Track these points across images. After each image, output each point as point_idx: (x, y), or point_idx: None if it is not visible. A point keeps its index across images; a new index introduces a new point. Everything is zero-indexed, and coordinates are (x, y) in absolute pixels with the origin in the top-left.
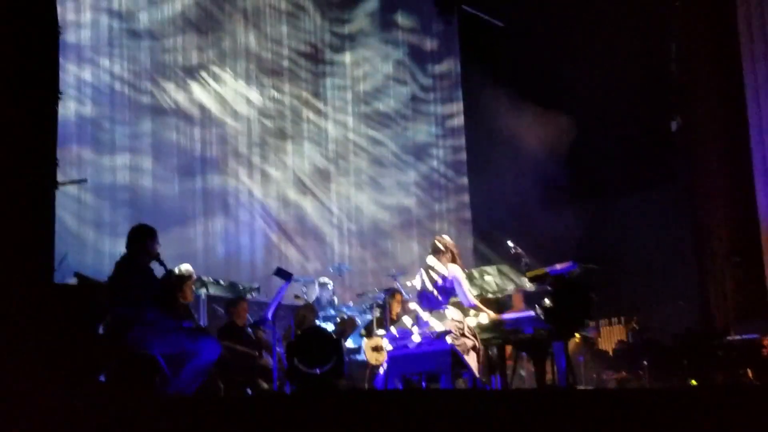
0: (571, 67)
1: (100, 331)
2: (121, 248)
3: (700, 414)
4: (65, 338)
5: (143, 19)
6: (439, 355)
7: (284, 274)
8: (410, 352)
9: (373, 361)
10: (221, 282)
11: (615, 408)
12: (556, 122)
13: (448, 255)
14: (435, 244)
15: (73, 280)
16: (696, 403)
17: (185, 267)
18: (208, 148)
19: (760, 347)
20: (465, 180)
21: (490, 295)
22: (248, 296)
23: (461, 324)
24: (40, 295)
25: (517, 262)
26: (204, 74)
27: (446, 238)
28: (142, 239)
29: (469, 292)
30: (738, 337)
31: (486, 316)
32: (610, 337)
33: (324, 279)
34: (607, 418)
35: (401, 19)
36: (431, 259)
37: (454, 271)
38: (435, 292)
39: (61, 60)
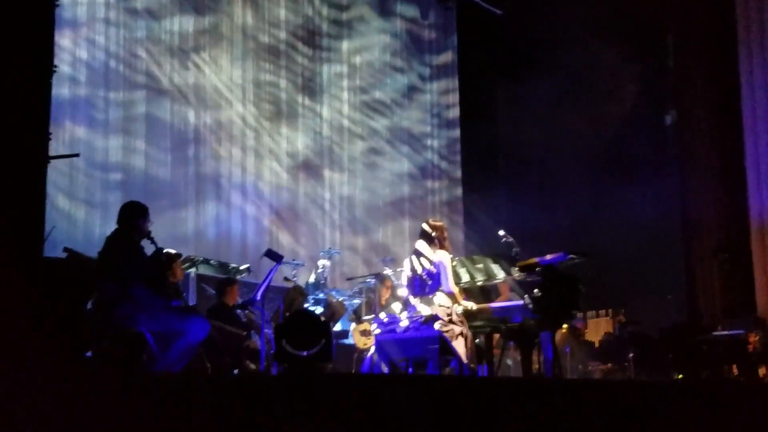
0: (568, 56)
1: (88, 306)
2: (111, 227)
3: (684, 408)
4: (53, 313)
5: None
6: (427, 341)
7: (274, 256)
8: (398, 337)
9: (360, 345)
10: (211, 262)
11: (600, 399)
12: (551, 111)
13: (437, 240)
14: (424, 228)
15: (62, 255)
16: (680, 397)
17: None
18: (202, 129)
19: (745, 343)
20: (458, 169)
21: (479, 283)
22: (238, 277)
23: (449, 310)
24: (28, 269)
25: (507, 251)
26: (200, 55)
27: (436, 221)
28: (134, 216)
29: (450, 279)
30: (724, 333)
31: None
32: (597, 328)
33: (322, 261)
34: (592, 409)
35: (400, 5)
36: (420, 244)
37: (441, 257)
38: (424, 277)
39: (56, 36)
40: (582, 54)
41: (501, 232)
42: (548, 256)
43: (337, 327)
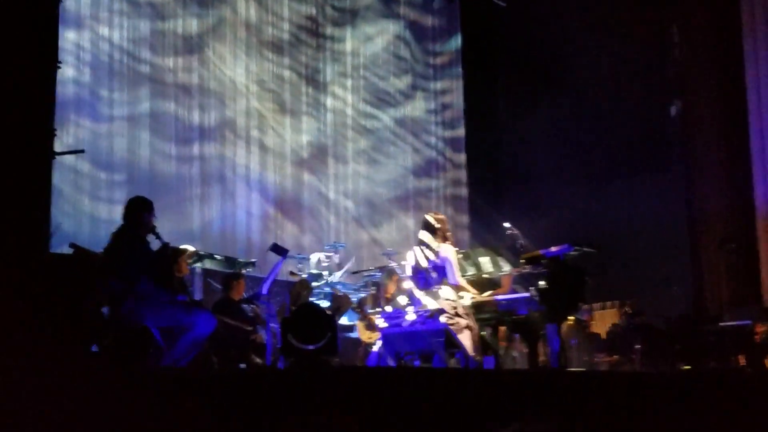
0: (571, 48)
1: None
2: (117, 223)
3: (691, 399)
4: (59, 308)
5: None
6: (433, 334)
7: (280, 250)
8: (404, 331)
9: (366, 339)
10: (217, 256)
11: (606, 390)
12: (555, 103)
13: (441, 233)
14: (427, 220)
15: (68, 250)
16: (687, 387)
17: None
18: (206, 120)
19: (752, 333)
20: (462, 158)
21: (485, 275)
22: (244, 271)
23: (455, 303)
24: (35, 264)
25: (512, 244)
26: (204, 46)
27: (438, 214)
28: (139, 211)
29: (457, 272)
30: (730, 323)
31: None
32: (603, 320)
33: (321, 255)
34: (598, 401)
35: None
36: (424, 235)
37: (446, 251)
38: (429, 270)
39: (60, 28)
40: (585, 45)
41: (506, 225)
42: (553, 248)
43: (343, 320)
